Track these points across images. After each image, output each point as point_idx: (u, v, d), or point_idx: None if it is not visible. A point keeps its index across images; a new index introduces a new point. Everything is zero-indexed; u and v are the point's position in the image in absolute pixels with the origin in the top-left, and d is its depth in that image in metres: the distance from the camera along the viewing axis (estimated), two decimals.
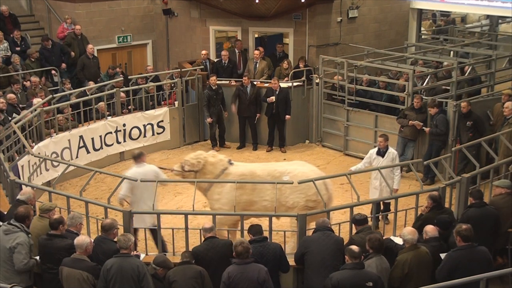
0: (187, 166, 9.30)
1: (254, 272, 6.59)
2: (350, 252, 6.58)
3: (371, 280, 6.47)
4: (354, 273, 6.47)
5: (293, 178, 8.83)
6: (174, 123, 14.21)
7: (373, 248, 6.83)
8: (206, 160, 9.31)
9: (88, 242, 6.87)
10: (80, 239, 6.87)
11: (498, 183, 8.51)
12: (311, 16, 15.36)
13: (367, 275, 6.52)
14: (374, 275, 6.57)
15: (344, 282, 6.42)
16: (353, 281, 6.43)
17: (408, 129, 12.17)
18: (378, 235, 7.00)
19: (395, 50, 15.55)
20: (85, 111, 12.65)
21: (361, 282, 6.43)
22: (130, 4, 17.33)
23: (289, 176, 8.97)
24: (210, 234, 7.30)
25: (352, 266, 6.52)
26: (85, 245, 6.80)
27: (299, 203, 8.98)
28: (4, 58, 14.59)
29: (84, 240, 6.86)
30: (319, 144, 14.53)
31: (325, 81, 14.14)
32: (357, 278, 6.44)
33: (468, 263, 6.74)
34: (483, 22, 19.52)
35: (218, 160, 9.39)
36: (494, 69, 14.03)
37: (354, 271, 6.48)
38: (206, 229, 7.34)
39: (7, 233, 7.18)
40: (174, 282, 6.69)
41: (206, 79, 14.42)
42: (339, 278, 6.46)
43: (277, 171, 9.23)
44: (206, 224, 7.42)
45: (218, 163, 9.34)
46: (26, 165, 10.60)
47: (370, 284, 6.44)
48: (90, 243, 6.91)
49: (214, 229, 7.39)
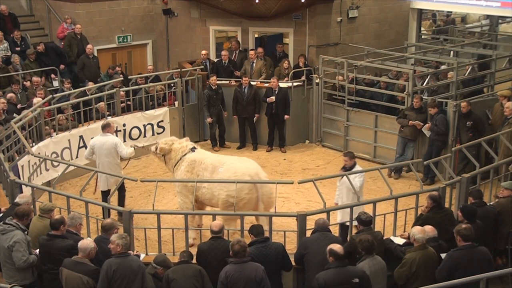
0: (158, 149, 10.13)
1: (251, 271, 6.60)
2: (333, 252, 6.61)
3: (357, 276, 6.52)
4: (339, 271, 6.52)
5: (225, 171, 9.43)
6: (174, 123, 14.21)
7: (364, 250, 6.84)
8: (171, 145, 10.06)
9: (92, 247, 6.81)
10: (85, 243, 6.81)
11: (507, 185, 8.49)
12: (311, 16, 15.36)
13: (352, 271, 6.57)
14: (359, 271, 6.62)
15: (330, 281, 6.47)
16: (339, 279, 6.48)
17: (408, 129, 12.17)
18: (369, 236, 6.97)
19: (395, 50, 15.55)
20: (85, 111, 12.66)
21: (347, 279, 6.49)
22: (130, 4, 17.33)
23: (222, 169, 9.48)
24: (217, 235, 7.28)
25: (335, 264, 6.57)
26: (88, 250, 6.76)
27: (220, 196, 9.31)
28: (4, 58, 14.60)
29: (89, 245, 6.80)
30: (319, 144, 14.53)
31: (325, 81, 14.14)
32: (343, 275, 6.50)
33: (468, 263, 6.74)
34: (483, 22, 19.53)
35: (181, 146, 10.05)
36: (494, 69, 14.03)
37: (338, 269, 6.53)
38: (213, 232, 7.30)
39: (3, 233, 7.20)
40: (173, 281, 6.68)
41: (206, 79, 14.43)
42: (325, 278, 6.51)
43: (219, 161, 9.73)
44: (214, 227, 7.33)
45: (180, 149, 10.01)
46: (26, 165, 10.60)
47: (356, 280, 6.49)
48: (94, 248, 6.83)
49: (222, 231, 7.35)
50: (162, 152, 10.13)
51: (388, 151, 13.07)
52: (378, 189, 11.67)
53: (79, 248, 6.78)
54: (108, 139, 10.22)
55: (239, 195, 9.04)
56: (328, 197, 8.99)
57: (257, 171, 9.60)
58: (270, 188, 9.52)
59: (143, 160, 13.57)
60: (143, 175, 12.64)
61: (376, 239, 7.22)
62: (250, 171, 9.47)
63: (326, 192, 9.15)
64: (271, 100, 13.73)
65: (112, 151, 10.17)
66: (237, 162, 9.73)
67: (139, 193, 11.80)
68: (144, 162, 13.49)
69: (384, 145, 13.21)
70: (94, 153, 10.25)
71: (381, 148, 13.30)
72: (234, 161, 9.79)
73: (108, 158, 10.16)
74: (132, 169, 13.01)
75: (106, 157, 10.15)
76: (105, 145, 10.14)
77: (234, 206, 8.45)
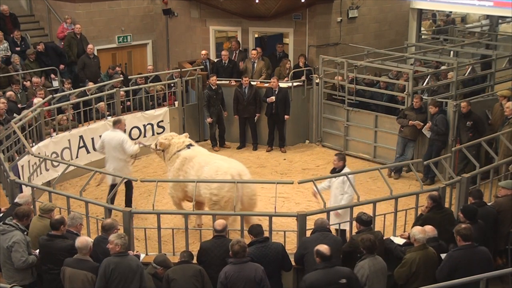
0: (158, 144, 10.38)
1: (251, 271, 6.60)
2: (319, 253, 6.60)
3: (344, 276, 6.50)
4: (326, 272, 6.51)
5: (208, 169, 9.61)
6: (174, 123, 14.21)
7: (365, 249, 6.83)
8: (171, 140, 10.30)
9: (90, 242, 6.90)
10: (84, 241, 6.83)
11: (504, 185, 8.49)
12: (311, 16, 15.37)
13: (338, 272, 6.55)
14: (347, 271, 6.60)
15: (316, 283, 6.46)
16: (326, 280, 6.46)
17: (408, 129, 12.17)
18: (371, 235, 6.97)
19: (395, 50, 15.55)
20: (85, 111, 12.66)
21: (333, 280, 6.47)
22: (130, 4, 17.33)
23: (207, 168, 9.65)
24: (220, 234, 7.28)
25: (322, 265, 6.56)
26: (88, 246, 6.81)
27: (205, 194, 9.46)
28: (4, 58, 14.60)
29: (88, 241, 6.85)
30: (319, 144, 14.53)
31: (325, 81, 14.14)
32: (329, 276, 6.49)
33: (468, 263, 6.74)
34: (483, 22, 19.53)
35: (178, 142, 10.27)
36: (494, 69, 14.03)
37: (325, 270, 6.52)
38: (217, 230, 7.30)
39: (3, 233, 7.20)
40: (173, 281, 6.68)
41: (206, 79, 14.43)
42: (312, 280, 6.51)
43: (206, 161, 9.86)
44: (217, 226, 7.34)
45: (176, 144, 10.23)
46: (26, 165, 10.60)
47: (344, 281, 6.47)
48: (91, 242, 6.92)
49: (225, 230, 7.36)
50: (162, 147, 10.31)
51: (388, 151, 13.07)
52: (378, 189, 11.67)
53: (78, 247, 6.78)
54: (116, 135, 10.48)
55: (219, 193, 9.27)
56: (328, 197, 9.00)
57: (240, 171, 9.62)
58: (252, 189, 9.64)
59: (143, 160, 13.57)
60: (143, 175, 12.64)
61: (376, 239, 7.23)
62: (232, 170, 9.52)
63: (326, 192, 9.15)
64: (271, 100, 13.73)
65: (118, 147, 10.41)
66: (222, 162, 9.84)
67: (139, 193, 11.80)
68: (144, 162, 13.50)
69: (384, 145, 13.21)
70: (104, 147, 10.57)
71: (381, 148, 13.30)
72: (220, 161, 9.89)
73: (115, 153, 10.46)
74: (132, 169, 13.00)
75: (114, 152, 10.46)
76: (113, 140, 10.43)
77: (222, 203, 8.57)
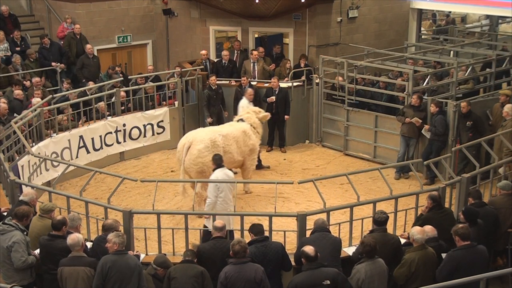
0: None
1: (251, 271, 6.60)
2: (304, 254, 6.61)
3: (328, 277, 6.51)
4: (310, 273, 6.52)
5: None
6: (174, 123, 14.20)
7: (365, 253, 6.82)
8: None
9: (82, 237, 6.92)
10: (74, 237, 6.85)
11: (502, 186, 8.49)
12: (311, 16, 15.37)
13: (323, 273, 6.55)
14: (332, 272, 6.60)
15: (301, 284, 6.48)
16: (310, 282, 6.47)
17: (406, 126, 12.17)
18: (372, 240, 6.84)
19: (395, 50, 15.55)
20: (85, 111, 12.66)
21: (317, 282, 6.48)
22: (130, 4, 17.34)
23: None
24: (219, 234, 7.27)
25: (307, 267, 6.57)
26: (81, 241, 6.84)
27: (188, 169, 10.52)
28: (4, 58, 14.59)
29: (78, 237, 6.88)
30: (319, 144, 14.53)
31: (325, 81, 14.14)
32: (313, 278, 6.50)
33: (468, 263, 6.75)
34: (483, 22, 19.53)
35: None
36: (494, 69, 14.03)
37: (310, 271, 6.53)
38: (216, 228, 7.30)
39: (2, 233, 7.20)
40: (174, 279, 6.69)
41: (206, 79, 14.43)
42: (296, 281, 6.53)
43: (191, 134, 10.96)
44: (217, 223, 7.36)
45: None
46: (26, 165, 10.60)
47: (327, 282, 6.47)
48: (82, 238, 6.93)
49: (224, 229, 7.36)
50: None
51: (388, 151, 13.07)
52: (378, 189, 11.67)
53: (70, 245, 6.81)
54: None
55: (198, 160, 10.44)
56: (328, 197, 9.01)
57: (192, 138, 10.65)
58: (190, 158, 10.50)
59: (143, 160, 13.57)
60: (143, 175, 12.64)
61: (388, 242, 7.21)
62: (188, 135, 10.85)
63: (326, 192, 9.16)
64: (271, 100, 13.73)
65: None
66: (198, 130, 11.21)
67: (139, 193, 11.80)
68: (144, 162, 13.49)
69: (384, 145, 13.21)
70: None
71: (381, 148, 13.30)
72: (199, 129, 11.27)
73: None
74: (132, 169, 13.03)
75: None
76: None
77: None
